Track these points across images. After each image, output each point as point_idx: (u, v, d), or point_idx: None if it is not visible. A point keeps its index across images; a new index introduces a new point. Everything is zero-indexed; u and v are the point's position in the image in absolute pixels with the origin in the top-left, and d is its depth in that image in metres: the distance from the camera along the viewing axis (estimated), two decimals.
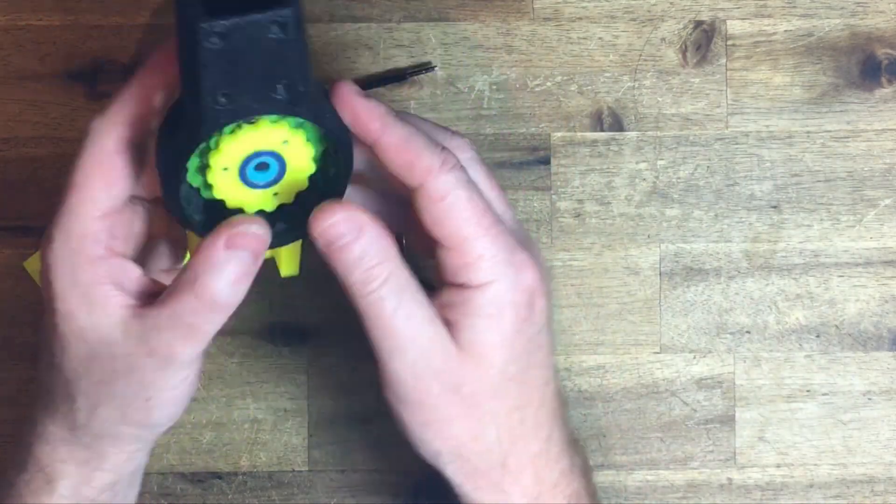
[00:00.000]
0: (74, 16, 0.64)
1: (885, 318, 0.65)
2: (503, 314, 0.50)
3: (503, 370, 0.50)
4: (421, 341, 0.49)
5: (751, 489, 0.65)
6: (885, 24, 0.64)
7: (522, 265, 0.50)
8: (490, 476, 0.52)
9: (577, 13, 0.64)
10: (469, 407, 0.50)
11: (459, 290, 0.50)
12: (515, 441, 0.51)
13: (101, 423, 0.51)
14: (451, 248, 0.49)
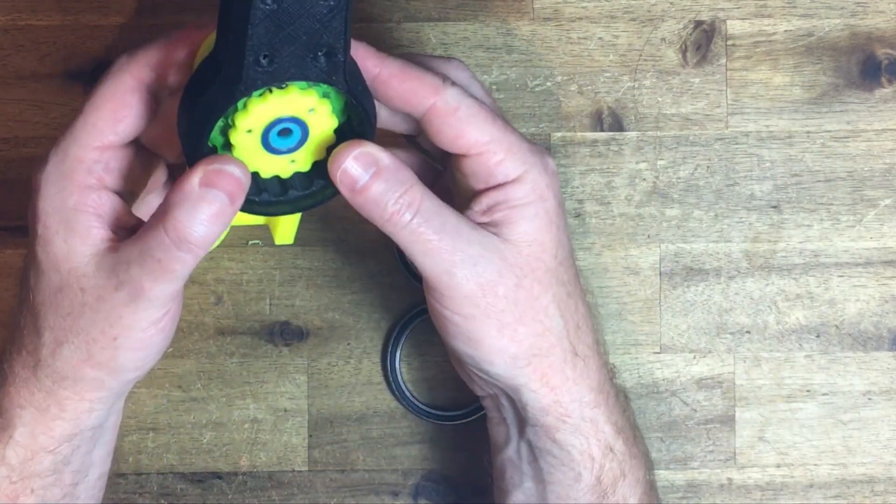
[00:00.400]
0: (74, 16, 0.64)
1: (885, 318, 0.65)
2: (545, 197, 0.51)
3: (555, 254, 0.52)
4: (475, 249, 0.50)
5: (751, 489, 0.65)
6: (885, 24, 0.64)
7: (542, 152, 0.52)
8: (563, 368, 0.52)
9: (577, 13, 0.64)
10: (536, 298, 0.51)
11: (497, 190, 0.51)
12: (578, 328, 0.53)
13: (64, 362, 0.50)
14: (478, 153, 0.50)
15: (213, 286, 0.64)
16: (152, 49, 0.50)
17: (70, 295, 0.49)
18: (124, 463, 0.64)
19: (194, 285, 0.64)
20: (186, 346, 0.64)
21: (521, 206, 0.51)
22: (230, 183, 0.47)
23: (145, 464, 0.64)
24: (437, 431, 0.64)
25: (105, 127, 0.49)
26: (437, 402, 0.64)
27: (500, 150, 0.51)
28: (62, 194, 0.49)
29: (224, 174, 0.47)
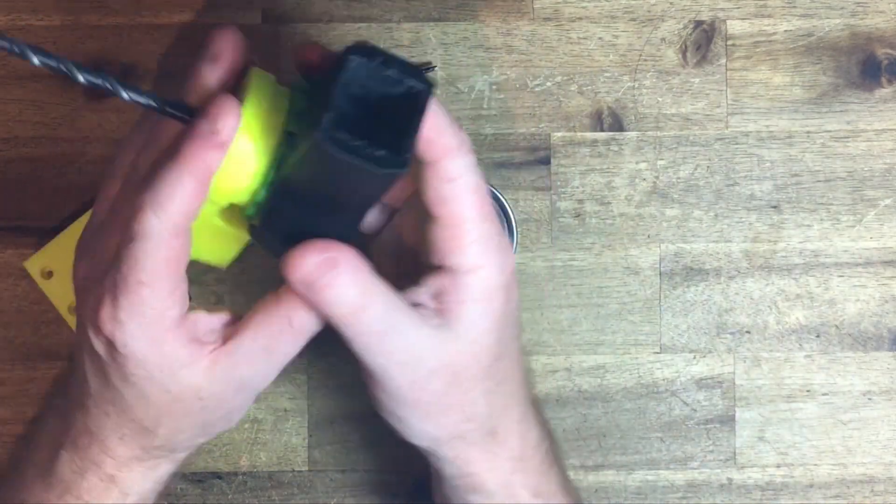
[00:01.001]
0: (74, 16, 0.64)
1: (885, 318, 0.65)
2: (493, 298, 0.51)
3: (493, 351, 0.52)
4: (414, 350, 0.50)
5: (751, 489, 0.65)
6: (885, 24, 0.64)
7: (506, 250, 0.52)
8: (481, 445, 0.53)
9: (577, 13, 0.64)
10: (465, 393, 0.52)
11: (450, 274, 0.50)
12: (504, 410, 0.53)
13: (181, 441, 0.52)
14: (447, 227, 0.50)
15: (214, 286, 0.64)
16: (174, 191, 0.47)
17: (185, 404, 0.50)
18: None
19: (194, 285, 0.64)
20: None
21: (470, 302, 0.50)
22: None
23: None
24: None
25: (169, 285, 0.48)
26: None
27: (469, 236, 0.50)
28: (155, 345, 0.48)
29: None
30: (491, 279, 0.51)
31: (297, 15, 0.64)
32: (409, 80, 0.45)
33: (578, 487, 0.64)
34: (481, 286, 0.50)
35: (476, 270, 0.50)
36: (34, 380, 0.64)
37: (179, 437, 0.51)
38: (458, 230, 0.50)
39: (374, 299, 0.49)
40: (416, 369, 0.50)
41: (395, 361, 0.50)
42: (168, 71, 0.64)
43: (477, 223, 0.50)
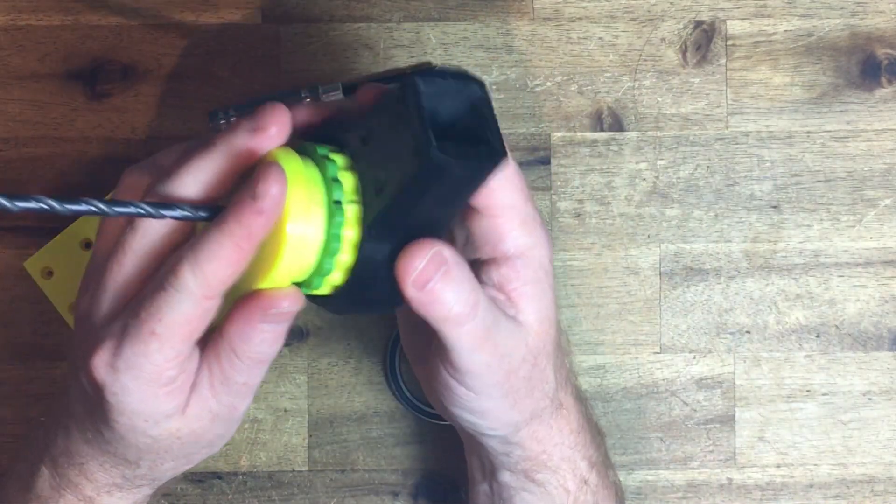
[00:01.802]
0: (74, 16, 0.64)
1: (885, 318, 0.65)
2: (546, 274, 0.52)
3: (556, 325, 0.53)
4: (511, 343, 0.51)
5: (751, 489, 0.65)
6: (885, 24, 0.64)
7: (545, 226, 0.53)
8: (549, 421, 0.54)
9: (577, 13, 0.64)
10: (542, 371, 0.52)
11: (505, 262, 0.51)
12: (563, 384, 0.55)
13: (163, 472, 0.52)
14: (492, 216, 0.51)
15: None
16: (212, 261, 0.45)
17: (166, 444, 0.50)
18: None
19: None
20: None
21: (531, 284, 0.51)
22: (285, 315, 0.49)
23: None
24: (437, 431, 0.64)
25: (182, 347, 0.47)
26: None
27: (517, 219, 0.51)
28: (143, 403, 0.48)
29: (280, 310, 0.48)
30: (542, 257, 0.52)
31: (297, 15, 0.64)
32: (466, 84, 0.46)
33: None
34: (535, 265, 0.51)
35: (527, 252, 0.51)
36: (34, 380, 0.64)
37: (161, 468, 0.51)
38: (505, 218, 0.51)
39: (481, 295, 0.49)
40: (511, 360, 0.51)
41: (497, 355, 0.50)
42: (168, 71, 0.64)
43: (519, 207, 0.51)
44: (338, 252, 0.46)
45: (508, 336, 0.51)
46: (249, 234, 0.45)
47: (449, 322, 0.48)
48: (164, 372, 0.47)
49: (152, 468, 0.51)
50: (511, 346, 0.51)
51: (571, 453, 0.55)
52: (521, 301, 0.51)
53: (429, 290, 0.47)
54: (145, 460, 0.50)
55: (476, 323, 0.49)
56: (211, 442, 0.51)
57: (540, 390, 0.53)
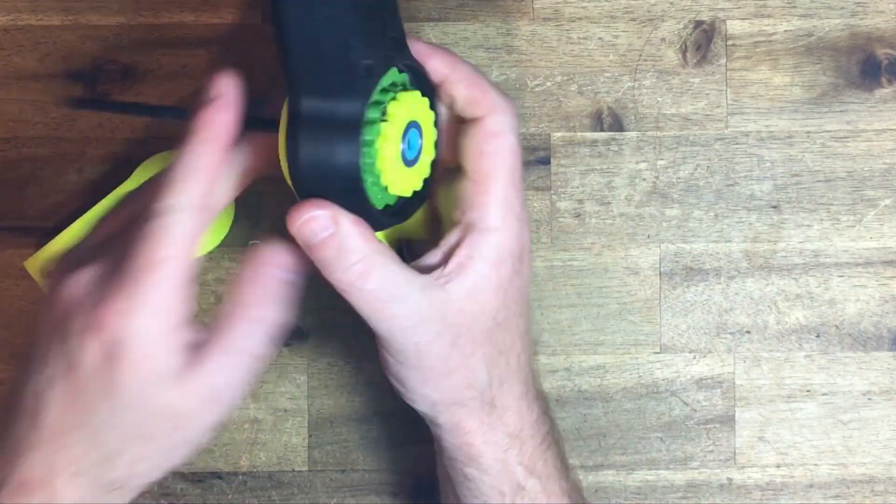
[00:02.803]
0: (74, 16, 0.64)
1: (885, 318, 0.65)
2: (503, 262, 0.52)
3: (494, 316, 0.52)
4: (418, 314, 0.51)
5: (751, 489, 0.65)
6: (885, 24, 0.64)
7: (525, 221, 0.53)
8: (479, 416, 0.54)
9: (577, 13, 0.64)
10: (465, 357, 0.52)
11: (467, 229, 0.51)
12: (503, 383, 0.54)
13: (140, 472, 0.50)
14: (476, 182, 0.51)
15: (214, 286, 0.64)
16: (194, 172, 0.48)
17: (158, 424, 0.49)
18: None
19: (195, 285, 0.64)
20: None
21: (479, 260, 0.51)
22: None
23: None
24: None
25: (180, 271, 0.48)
26: None
27: (495, 195, 0.51)
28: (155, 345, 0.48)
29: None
30: (505, 244, 0.51)
31: None
32: None
33: None
34: (494, 247, 0.51)
35: (492, 231, 0.51)
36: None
37: (140, 466, 0.50)
38: (485, 186, 0.51)
39: (376, 265, 0.49)
40: (419, 332, 0.51)
41: (398, 327, 0.51)
42: (168, 71, 0.64)
43: (505, 185, 0.51)
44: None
45: (418, 310, 0.50)
46: (220, 134, 0.47)
47: (340, 287, 0.49)
48: (175, 306, 0.47)
49: (131, 465, 0.49)
50: (421, 319, 0.51)
51: (505, 456, 0.55)
52: (458, 271, 0.51)
53: (311, 249, 0.49)
54: (128, 451, 0.49)
55: (367, 294, 0.49)
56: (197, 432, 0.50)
57: (462, 377, 0.52)
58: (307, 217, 0.48)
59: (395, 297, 0.50)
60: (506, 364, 0.54)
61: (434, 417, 0.54)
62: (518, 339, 0.55)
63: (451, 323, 0.51)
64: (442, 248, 0.52)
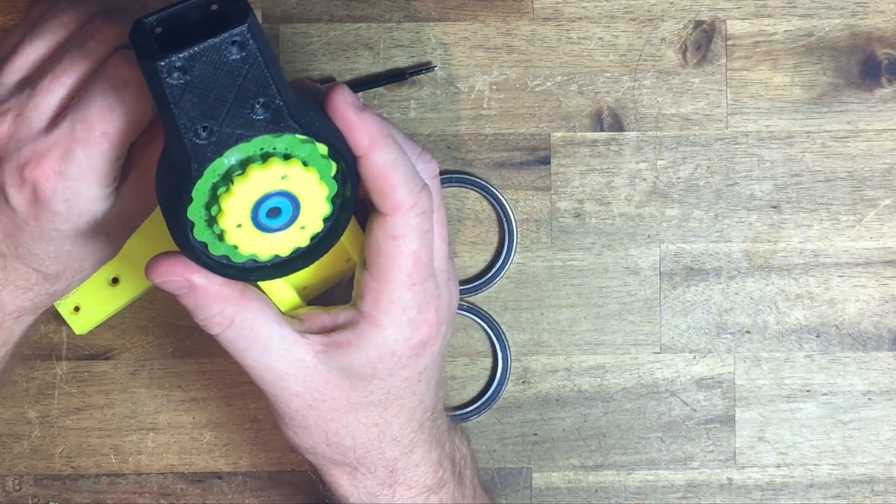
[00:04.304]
0: None
1: (885, 318, 0.65)
2: (384, 360, 0.51)
3: (366, 396, 0.52)
4: (278, 374, 0.52)
5: (751, 489, 0.65)
6: (885, 24, 0.64)
7: (423, 324, 0.52)
8: (345, 471, 0.55)
9: (577, 13, 0.64)
10: (326, 421, 0.53)
11: (357, 315, 0.51)
12: (370, 450, 0.54)
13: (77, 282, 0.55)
14: (374, 278, 0.51)
15: None
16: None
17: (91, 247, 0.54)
18: (124, 463, 0.64)
19: None
20: (186, 346, 0.64)
21: (358, 349, 0.51)
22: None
23: (145, 464, 0.64)
24: None
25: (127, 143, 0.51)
26: None
27: (388, 295, 0.51)
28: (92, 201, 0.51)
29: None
30: (388, 344, 0.51)
31: (297, 15, 0.64)
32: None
33: (577, 487, 0.65)
34: (375, 345, 0.51)
35: (378, 328, 0.51)
36: (34, 380, 0.64)
37: (79, 277, 0.54)
38: (380, 284, 0.50)
39: (236, 316, 0.50)
40: (278, 386, 0.52)
41: (257, 376, 0.52)
42: None
43: (400, 287, 0.50)
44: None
45: (278, 368, 0.52)
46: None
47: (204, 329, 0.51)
48: (111, 173, 0.50)
49: (71, 282, 0.54)
50: (280, 377, 0.52)
51: (374, 500, 0.55)
52: (335, 351, 0.51)
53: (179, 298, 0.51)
54: (67, 272, 0.54)
55: (228, 338, 0.51)
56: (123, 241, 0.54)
57: (320, 434, 0.54)
58: (163, 281, 0.49)
59: (253, 348, 0.51)
60: (377, 435, 0.54)
61: (303, 456, 0.55)
62: (403, 413, 0.54)
63: (313, 388, 0.52)
64: (329, 318, 0.52)
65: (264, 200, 0.47)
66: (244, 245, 0.49)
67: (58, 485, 0.64)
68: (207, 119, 0.45)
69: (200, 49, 0.44)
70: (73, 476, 0.64)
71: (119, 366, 0.64)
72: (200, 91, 0.44)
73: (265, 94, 0.45)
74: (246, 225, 0.48)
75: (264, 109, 0.46)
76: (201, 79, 0.44)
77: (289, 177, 0.47)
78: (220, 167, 0.47)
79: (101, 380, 0.64)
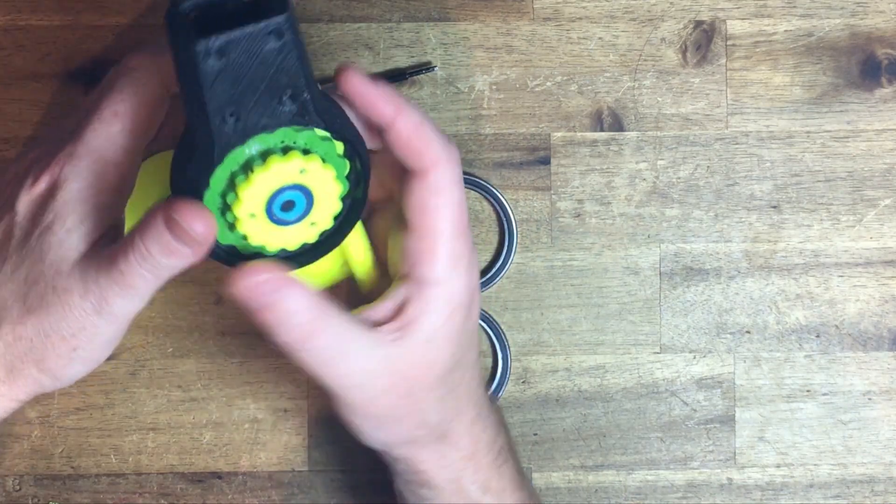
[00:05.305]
0: (74, 16, 0.64)
1: (885, 318, 0.65)
2: (454, 314, 0.52)
3: (447, 363, 0.52)
4: (367, 374, 0.51)
5: (751, 489, 0.65)
6: (885, 24, 0.64)
7: (473, 268, 0.53)
8: (431, 447, 0.54)
9: (577, 13, 0.64)
10: (417, 403, 0.52)
11: (416, 284, 0.51)
12: (453, 418, 0.54)
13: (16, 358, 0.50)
14: (422, 237, 0.51)
15: (214, 286, 0.64)
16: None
17: (41, 291, 0.49)
18: (124, 463, 0.64)
19: (194, 285, 0.64)
20: (186, 346, 0.64)
21: (431, 314, 0.51)
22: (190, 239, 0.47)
23: (145, 464, 0.64)
24: None
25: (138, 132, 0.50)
26: None
27: (440, 250, 0.51)
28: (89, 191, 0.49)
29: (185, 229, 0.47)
30: (454, 296, 0.51)
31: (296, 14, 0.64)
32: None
33: (577, 487, 0.65)
34: (444, 300, 0.51)
35: (442, 284, 0.51)
36: None
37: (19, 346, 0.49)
38: (431, 243, 0.50)
39: (323, 325, 0.49)
40: (368, 389, 0.51)
41: (347, 384, 0.51)
42: None
43: (451, 239, 0.51)
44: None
45: (366, 368, 0.50)
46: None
47: (285, 348, 0.49)
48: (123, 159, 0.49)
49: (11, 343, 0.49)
50: (370, 376, 0.51)
51: (459, 477, 0.55)
52: (410, 327, 0.51)
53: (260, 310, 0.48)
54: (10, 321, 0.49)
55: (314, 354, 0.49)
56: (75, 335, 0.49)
57: (412, 421, 0.53)
58: (252, 282, 0.47)
59: (343, 355, 0.50)
60: (456, 398, 0.54)
61: (387, 452, 0.55)
62: (469, 370, 0.54)
63: (405, 376, 0.51)
64: (391, 303, 0.51)
65: (280, 193, 0.48)
66: (254, 235, 0.49)
67: (58, 485, 0.64)
68: (235, 106, 0.45)
69: (240, 35, 0.43)
70: (73, 476, 0.64)
71: (119, 366, 0.64)
72: (233, 77, 0.44)
73: (295, 87, 0.45)
74: (259, 215, 0.48)
75: (292, 101, 0.46)
76: (236, 65, 0.44)
77: (307, 171, 0.48)
78: (241, 156, 0.47)
79: (101, 380, 0.64)
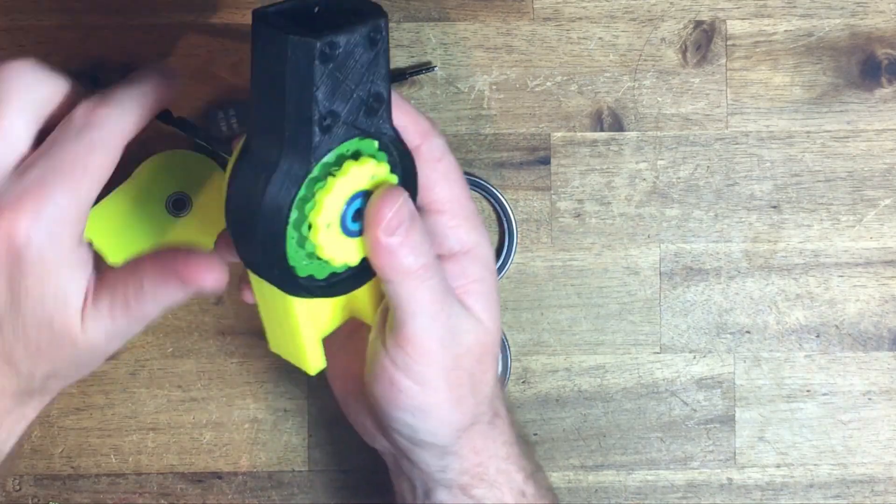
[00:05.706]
0: (74, 16, 0.64)
1: (885, 318, 0.65)
2: (490, 271, 0.52)
3: (499, 328, 0.53)
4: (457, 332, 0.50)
5: (751, 489, 0.65)
6: (885, 24, 0.64)
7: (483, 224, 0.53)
8: (487, 432, 0.54)
9: (577, 13, 0.64)
10: (483, 373, 0.52)
11: (450, 260, 0.51)
12: (498, 391, 0.54)
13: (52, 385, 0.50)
14: (442, 211, 0.50)
15: None
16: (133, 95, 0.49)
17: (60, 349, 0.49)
18: (124, 463, 0.64)
19: None
20: (186, 346, 0.64)
21: (479, 281, 0.51)
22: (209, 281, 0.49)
23: (145, 464, 0.64)
24: None
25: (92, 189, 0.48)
26: None
27: (462, 213, 0.51)
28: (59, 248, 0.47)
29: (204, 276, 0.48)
30: (487, 255, 0.52)
31: None
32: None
33: (577, 487, 0.65)
34: (480, 263, 0.51)
35: (472, 249, 0.51)
36: None
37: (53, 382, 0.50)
38: (451, 210, 0.51)
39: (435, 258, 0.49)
40: (461, 343, 0.50)
41: (450, 332, 0.50)
42: None
43: (464, 203, 0.51)
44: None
45: (458, 326, 0.50)
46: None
47: (410, 277, 0.48)
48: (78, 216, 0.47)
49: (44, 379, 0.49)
50: (462, 330, 0.50)
51: (507, 465, 0.54)
52: (469, 298, 0.51)
53: (396, 241, 0.47)
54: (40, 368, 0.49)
55: (434, 283, 0.48)
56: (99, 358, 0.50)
57: (481, 392, 0.52)
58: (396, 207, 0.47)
59: (449, 299, 0.49)
60: (495, 369, 0.54)
61: (449, 444, 0.53)
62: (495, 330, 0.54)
63: (481, 342, 0.51)
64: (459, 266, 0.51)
65: (352, 201, 0.46)
66: (326, 247, 0.46)
67: (58, 485, 0.64)
68: (332, 111, 0.43)
69: (348, 36, 0.42)
70: (73, 476, 0.64)
71: (119, 366, 0.64)
72: (335, 79, 0.43)
73: (380, 93, 0.44)
74: (334, 225, 0.46)
75: (376, 107, 0.45)
76: (339, 67, 0.43)
77: (376, 177, 0.47)
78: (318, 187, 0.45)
79: (101, 380, 0.64)
